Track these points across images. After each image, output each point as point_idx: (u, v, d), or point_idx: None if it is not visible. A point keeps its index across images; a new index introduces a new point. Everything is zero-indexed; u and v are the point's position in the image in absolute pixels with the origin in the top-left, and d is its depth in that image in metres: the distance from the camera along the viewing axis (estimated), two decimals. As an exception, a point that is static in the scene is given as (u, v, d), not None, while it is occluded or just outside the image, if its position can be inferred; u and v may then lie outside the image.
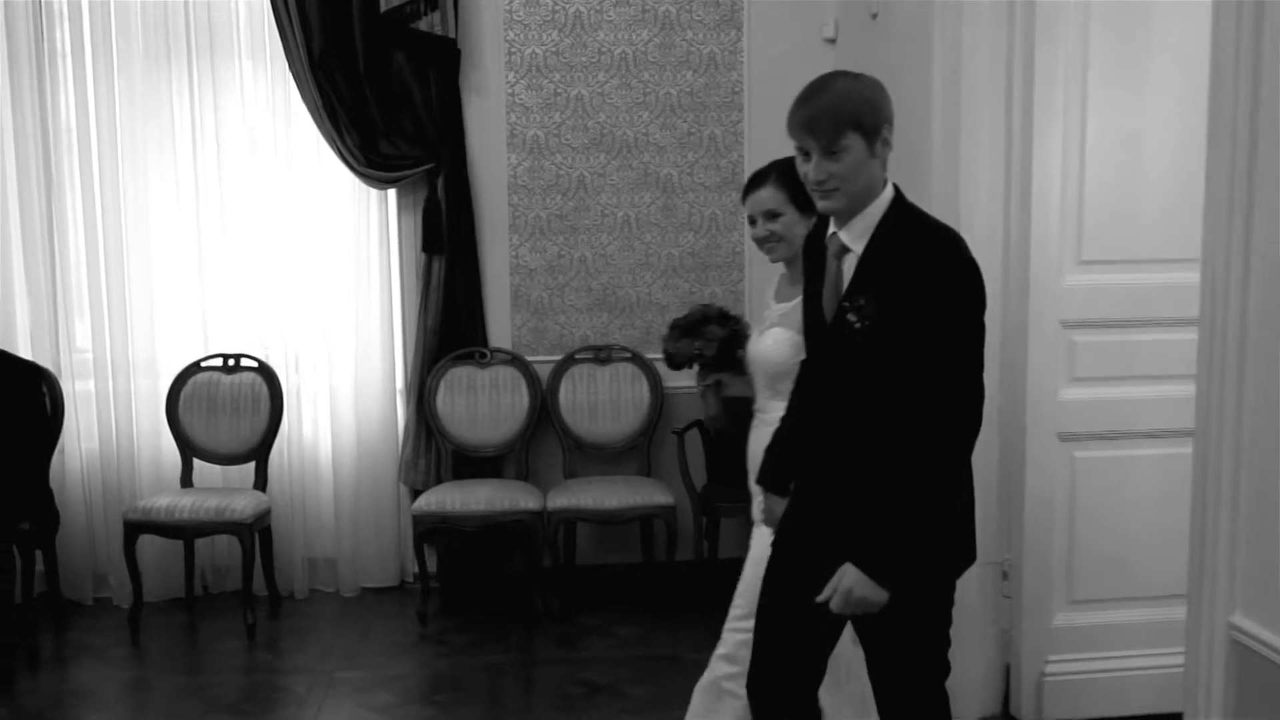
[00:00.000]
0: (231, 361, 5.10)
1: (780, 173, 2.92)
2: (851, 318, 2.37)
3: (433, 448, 5.17)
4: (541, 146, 5.21)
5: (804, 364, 2.70)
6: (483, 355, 5.20)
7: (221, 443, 5.07)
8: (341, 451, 5.21)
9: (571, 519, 4.95)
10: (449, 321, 5.15)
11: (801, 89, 2.41)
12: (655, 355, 5.20)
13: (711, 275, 5.31)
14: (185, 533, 4.79)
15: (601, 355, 5.26)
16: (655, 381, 5.21)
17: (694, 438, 5.09)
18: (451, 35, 4.95)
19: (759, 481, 2.88)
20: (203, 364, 5.10)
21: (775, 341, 3.02)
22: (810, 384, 2.62)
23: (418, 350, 5.17)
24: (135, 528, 4.75)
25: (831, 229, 2.48)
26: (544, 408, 5.21)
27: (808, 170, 2.39)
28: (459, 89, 5.07)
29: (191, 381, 5.09)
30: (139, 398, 5.10)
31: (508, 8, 5.13)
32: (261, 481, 5.03)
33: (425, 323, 5.14)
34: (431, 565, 5.11)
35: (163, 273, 5.11)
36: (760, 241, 3.04)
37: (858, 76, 2.43)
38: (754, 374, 3.13)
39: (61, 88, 5.00)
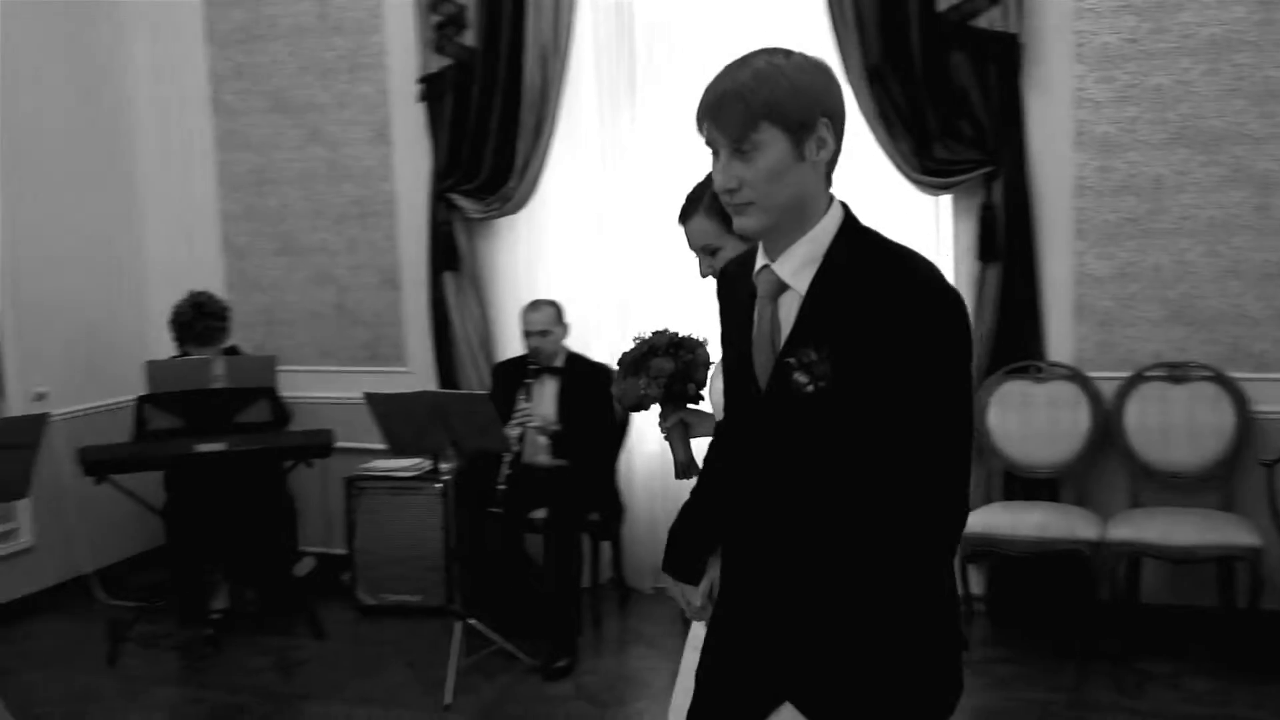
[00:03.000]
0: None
1: (714, 197, 2.31)
2: (800, 378, 1.77)
3: (982, 465, 4.93)
4: (1113, 144, 4.77)
5: (719, 431, 2.15)
6: (1039, 370, 4.86)
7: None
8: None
9: (1135, 553, 4.49)
10: (1002, 334, 4.88)
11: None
12: (1241, 375, 4.62)
13: (1319, 284, 4.58)
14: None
15: (1177, 373, 4.71)
16: (1241, 404, 4.59)
17: (1289, 472, 4.43)
18: (1014, 30, 4.68)
19: (665, 569, 2.33)
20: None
21: None
22: (731, 460, 2.01)
23: (969, 362, 4.95)
24: (689, 526, 4.97)
25: (761, 261, 1.87)
26: (1106, 428, 4.77)
27: (717, 174, 1.81)
28: (1018, 87, 4.78)
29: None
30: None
31: (1077, -4, 4.76)
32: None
33: (978, 334, 4.91)
34: (976, 587, 4.87)
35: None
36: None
37: (787, 53, 1.81)
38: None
39: (638, 109, 5.36)
